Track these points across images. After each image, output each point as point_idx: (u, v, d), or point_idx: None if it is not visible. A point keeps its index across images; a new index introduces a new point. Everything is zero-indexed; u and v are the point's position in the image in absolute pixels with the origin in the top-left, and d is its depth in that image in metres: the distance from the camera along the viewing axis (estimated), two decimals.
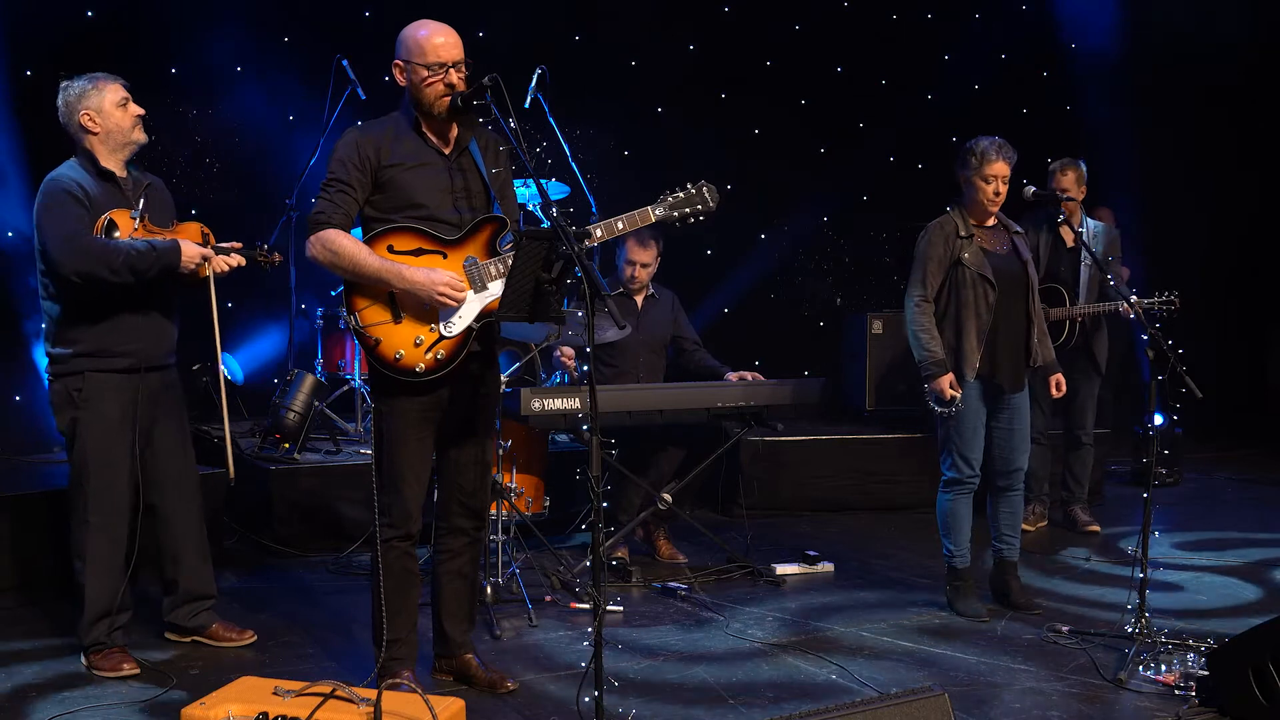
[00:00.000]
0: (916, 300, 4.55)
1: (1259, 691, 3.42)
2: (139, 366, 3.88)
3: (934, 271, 4.53)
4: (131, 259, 3.70)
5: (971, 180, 4.54)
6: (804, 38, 8.90)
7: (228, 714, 2.83)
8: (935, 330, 4.52)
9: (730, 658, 4.17)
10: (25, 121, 6.19)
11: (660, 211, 3.66)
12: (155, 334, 3.94)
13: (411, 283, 3.41)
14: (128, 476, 3.92)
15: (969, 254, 4.49)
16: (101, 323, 3.83)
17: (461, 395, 3.62)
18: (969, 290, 4.48)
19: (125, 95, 3.89)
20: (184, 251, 3.79)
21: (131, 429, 3.90)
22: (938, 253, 4.53)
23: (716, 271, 8.59)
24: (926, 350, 4.49)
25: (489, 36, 7.16)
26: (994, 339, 4.52)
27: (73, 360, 3.85)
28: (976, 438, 4.55)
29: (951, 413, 4.49)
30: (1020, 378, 4.60)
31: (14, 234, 6.16)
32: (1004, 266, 4.55)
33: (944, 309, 4.55)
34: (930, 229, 4.59)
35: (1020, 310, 4.58)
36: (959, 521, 4.63)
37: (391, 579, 3.60)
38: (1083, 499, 6.24)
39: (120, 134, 3.88)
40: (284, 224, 6.22)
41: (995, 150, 4.49)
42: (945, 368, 4.47)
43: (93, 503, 3.89)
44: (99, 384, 3.85)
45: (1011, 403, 4.60)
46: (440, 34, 3.50)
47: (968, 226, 4.55)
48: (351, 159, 3.49)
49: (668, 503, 5.23)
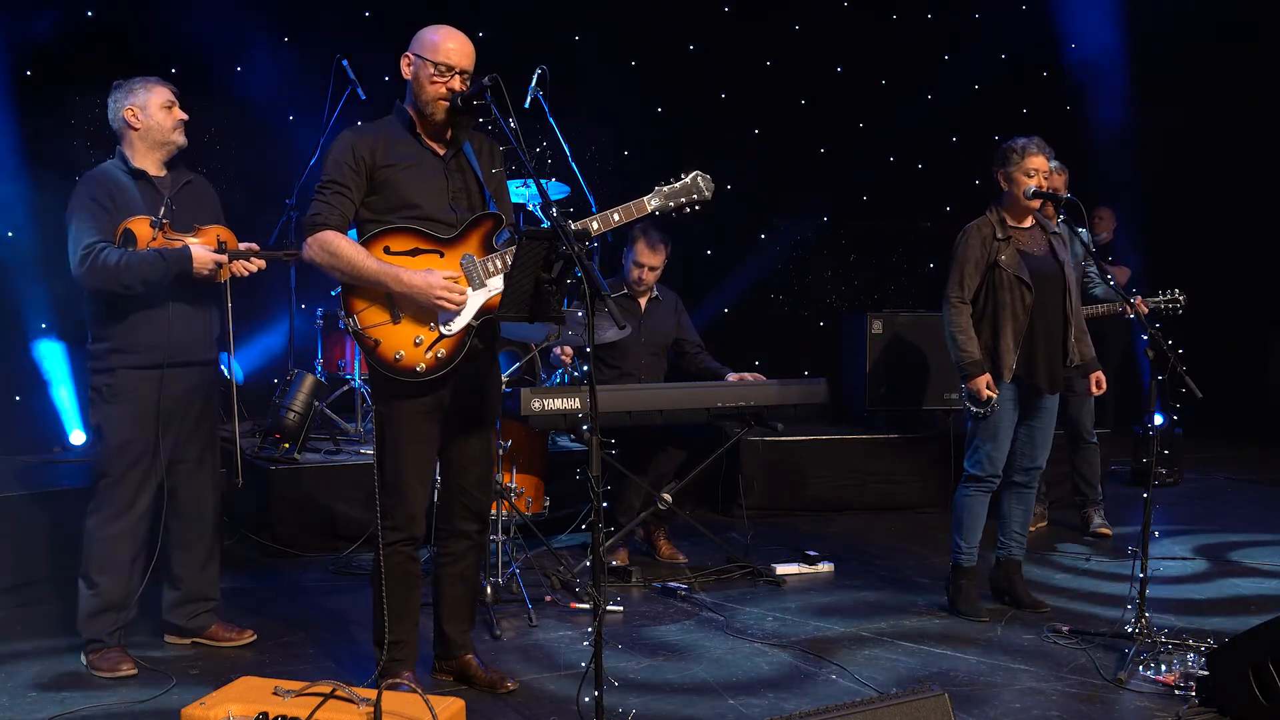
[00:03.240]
0: (953, 301, 4.57)
1: (1259, 691, 3.42)
2: (163, 363, 3.91)
3: (971, 274, 4.55)
4: (143, 271, 3.79)
5: (1012, 176, 4.54)
6: (804, 38, 8.91)
7: (228, 714, 2.83)
8: (972, 331, 4.53)
9: (730, 658, 4.17)
10: (25, 122, 6.19)
11: (656, 202, 3.65)
12: (184, 331, 3.96)
13: (409, 286, 3.41)
14: (146, 473, 3.95)
15: (1005, 256, 4.51)
16: (129, 320, 3.91)
17: (463, 394, 3.61)
18: (1005, 292, 4.50)
19: (171, 99, 4.02)
20: (196, 259, 3.85)
21: (154, 425, 3.93)
22: (974, 255, 4.55)
23: (716, 271, 8.59)
24: (963, 351, 4.52)
25: (489, 36, 7.15)
26: (1031, 340, 4.53)
27: (106, 356, 3.94)
28: (1007, 439, 4.58)
29: (986, 413, 4.51)
30: (1058, 378, 4.61)
31: (14, 234, 6.15)
32: (1041, 268, 4.56)
33: (981, 311, 4.57)
34: (968, 231, 4.60)
35: (1057, 311, 4.58)
36: (974, 519, 4.64)
37: (394, 581, 3.59)
38: (1096, 500, 6.22)
39: (159, 133, 3.98)
40: (284, 224, 6.22)
41: (1036, 146, 4.54)
42: (982, 368, 4.49)
43: (108, 494, 3.94)
44: (126, 380, 3.92)
45: (1044, 404, 4.62)
46: (455, 40, 3.52)
47: (1005, 228, 4.56)
48: (347, 160, 3.49)
49: (668, 503, 5.23)
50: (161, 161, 4.03)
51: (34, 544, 4.75)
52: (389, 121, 3.61)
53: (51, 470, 5.48)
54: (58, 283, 6.00)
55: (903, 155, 9.12)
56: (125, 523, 3.94)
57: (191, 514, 4.13)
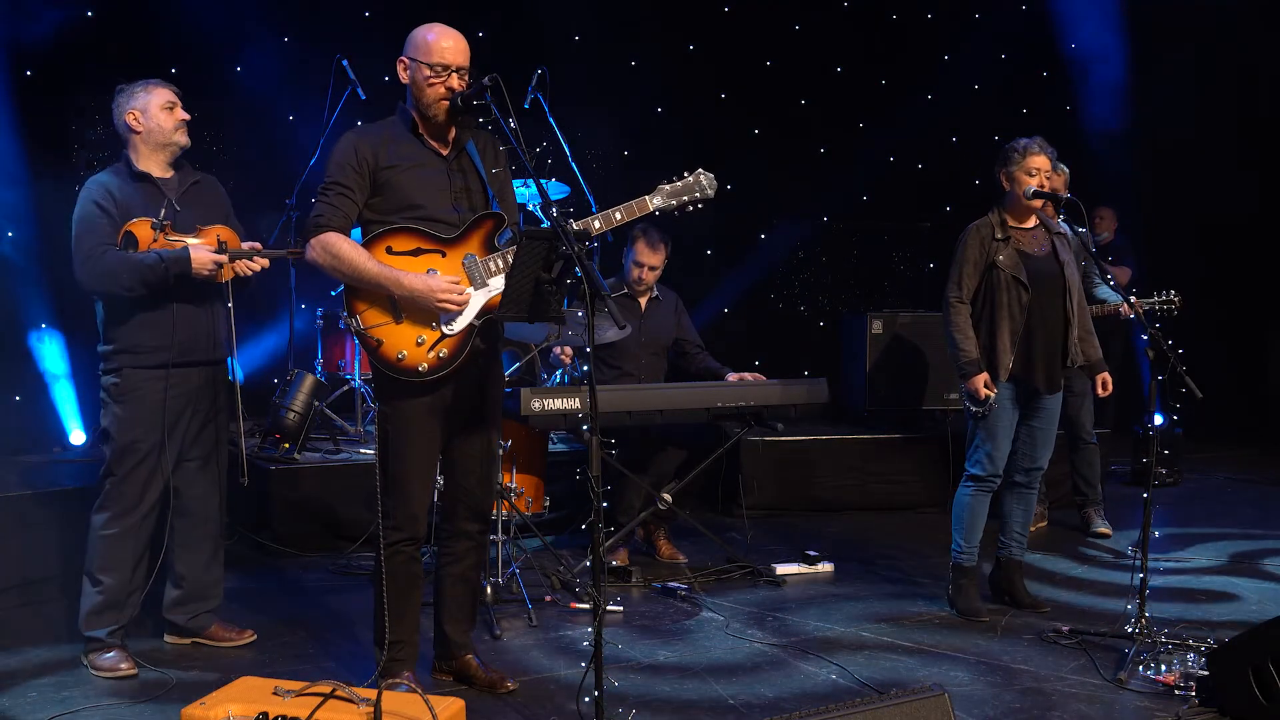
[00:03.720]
0: (952, 301, 4.59)
1: (1259, 691, 3.42)
2: (169, 363, 3.92)
3: (969, 274, 4.57)
4: (142, 273, 3.81)
5: (1014, 175, 4.56)
6: (804, 38, 8.91)
7: (228, 714, 2.83)
8: (970, 331, 4.55)
9: (730, 658, 4.17)
10: (26, 122, 6.18)
11: (658, 201, 3.66)
12: (188, 332, 3.97)
13: (410, 289, 3.41)
14: (152, 472, 3.96)
15: (1004, 256, 4.52)
16: (134, 320, 3.92)
17: (466, 393, 3.61)
18: (1003, 293, 4.52)
19: (173, 100, 4.03)
20: (194, 259, 3.85)
21: (160, 425, 3.94)
22: (973, 255, 4.57)
23: (716, 271, 8.59)
24: (961, 350, 4.53)
25: (489, 36, 7.16)
26: (1029, 340, 4.54)
27: (114, 356, 3.96)
28: (1006, 438, 4.59)
29: (984, 412, 4.52)
30: (1056, 379, 4.61)
31: (14, 234, 6.15)
32: (1040, 268, 4.57)
33: (979, 311, 4.59)
34: (968, 231, 4.62)
35: (1057, 311, 4.59)
36: (975, 519, 4.65)
37: (396, 582, 3.59)
38: (1097, 500, 6.22)
39: (161, 134, 3.99)
40: (284, 224, 6.22)
41: (1038, 145, 4.56)
42: (979, 368, 4.50)
43: (113, 493, 3.96)
44: (132, 380, 3.94)
45: (1048, 404, 4.62)
46: (449, 38, 3.52)
47: (1005, 229, 4.57)
48: (350, 162, 3.49)
49: (668, 503, 5.23)
50: (166, 163, 4.04)
51: (34, 544, 4.74)
52: (392, 122, 3.61)
53: (51, 470, 5.48)
54: (58, 283, 6.01)
55: (903, 155, 9.11)
56: (130, 521, 3.96)
57: (197, 513, 4.14)
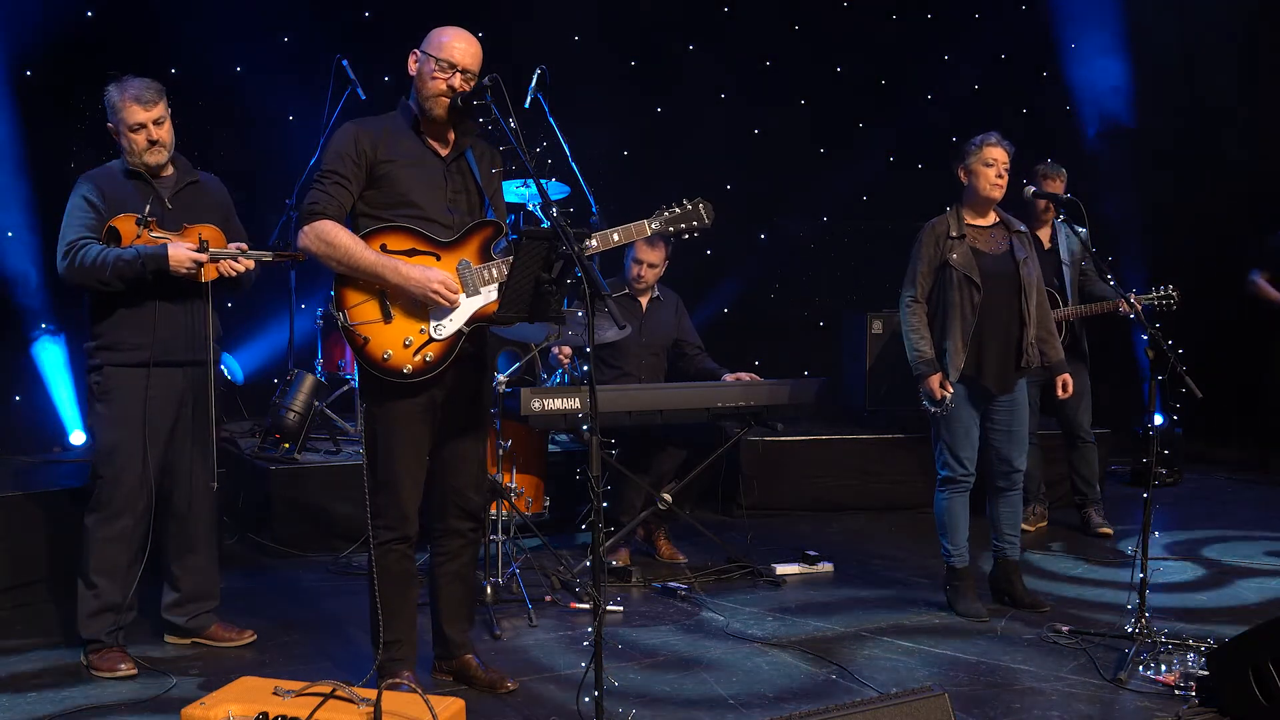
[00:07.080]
0: (908, 301, 4.61)
1: (1259, 691, 3.42)
2: (149, 361, 3.90)
3: (924, 273, 4.59)
4: (119, 268, 3.80)
5: (972, 168, 4.58)
6: (804, 38, 8.90)
7: (228, 714, 2.83)
8: (926, 330, 4.56)
9: (730, 658, 4.17)
10: (25, 122, 6.18)
11: (656, 225, 3.75)
12: (169, 330, 3.95)
13: (406, 278, 3.40)
14: (138, 471, 3.94)
15: (957, 255, 4.53)
16: (115, 316, 3.92)
17: (454, 397, 3.60)
18: (955, 291, 4.52)
19: (141, 120, 3.93)
20: (171, 257, 3.82)
21: (141, 424, 3.92)
22: (928, 254, 4.59)
23: (716, 271, 8.59)
24: (916, 350, 4.55)
25: (489, 36, 7.14)
26: (980, 340, 4.53)
27: (96, 353, 3.96)
28: (969, 437, 4.57)
29: (942, 412, 4.52)
30: (1008, 380, 4.60)
31: (14, 233, 6.15)
32: (994, 267, 4.56)
33: (933, 310, 4.60)
34: (923, 230, 4.64)
35: (1011, 311, 4.58)
36: (955, 520, 4.64)
37: (389, 581, 3.59)
38: (1096, 499, 6.21)
39: (132, 154, 3.98)
40: (284, 224, 6.22)
41: (995, 138, 4.58)
42: (934, 367, 4.51)
43: (102, 495, 3.95)
44: (113, 377, 3.93)
45: (1007, 404, 4.61)
46: (463, 40, 3.54)
47: (961, 227, 4.58)
48: (348, 152, 3.49)
49: (668, 503, 5.23)
50: (155, 165, 4.01)
51: (34, 544, 4.75)
52: (393, 117, 3.61)
53: (51, 470, 5.48)
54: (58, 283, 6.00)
55: (903, 155, 9.11)
56: (122, 524, 3.94)
57: (188, 514, 4.13)
